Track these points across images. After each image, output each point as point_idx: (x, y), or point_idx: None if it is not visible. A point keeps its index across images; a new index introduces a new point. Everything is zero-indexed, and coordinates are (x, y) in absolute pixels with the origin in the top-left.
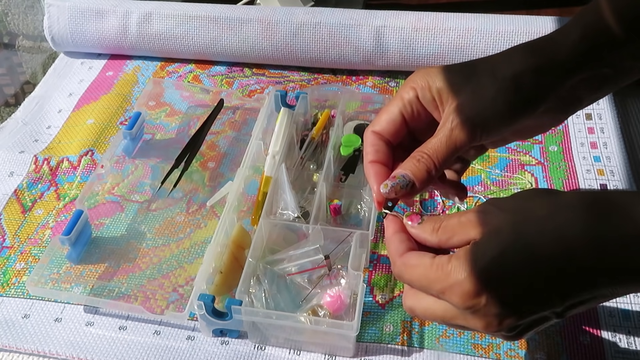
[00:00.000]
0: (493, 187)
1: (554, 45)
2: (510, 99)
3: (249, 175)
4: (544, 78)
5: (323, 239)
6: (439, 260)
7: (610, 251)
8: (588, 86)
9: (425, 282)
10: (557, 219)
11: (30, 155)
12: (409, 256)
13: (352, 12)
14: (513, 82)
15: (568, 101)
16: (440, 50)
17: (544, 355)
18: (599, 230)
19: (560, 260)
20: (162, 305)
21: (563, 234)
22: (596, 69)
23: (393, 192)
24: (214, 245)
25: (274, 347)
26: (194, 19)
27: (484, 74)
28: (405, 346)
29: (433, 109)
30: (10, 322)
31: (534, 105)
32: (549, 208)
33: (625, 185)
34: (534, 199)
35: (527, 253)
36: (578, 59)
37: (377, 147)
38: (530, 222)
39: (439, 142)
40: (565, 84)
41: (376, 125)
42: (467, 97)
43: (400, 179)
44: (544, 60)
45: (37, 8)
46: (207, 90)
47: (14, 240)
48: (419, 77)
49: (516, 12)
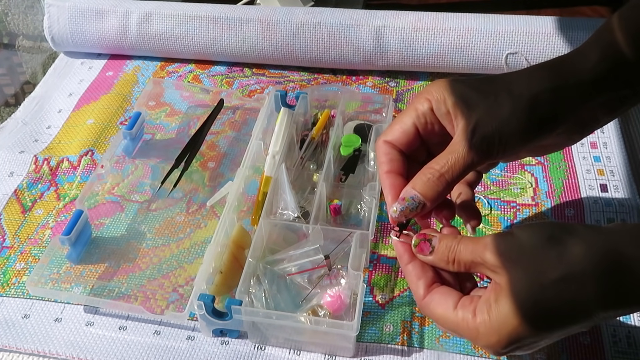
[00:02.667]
0: (493, 187)
1: (573, 66)
2: (526, 118)
3: (249, 175)
4: (563, 99)
5: (323, 239)
6: (463, 314)
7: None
8: (607, 107)
9: (452, 329)
10: (570, 285)
11: (30, 155)
12: (433, 304)
13: (352, 12)
14: (530, 101)
15: (585, 122)
16: (440, 50)
17: (544, 355)
18: (614, 289)
19: (572, 322)
20: (162, 305)
21: (578, 297)
22: (616, 91)
23: (403, 217)
24: (214, 245)
25: (274, 347)
26: (194, 19)
27: (501, 92)
28: (405, 346)
29: (447, 123)
30: (10, 322)
31: (551, 126)
32: (560, 271)
33: (625, 185)
34: (544, 251)
35: (544, 319)
36: (598, 80)
37: (391, 156)
38: (545, 287)
39: (453, 160)
40: (584, 106)
41: (388, 135)
42: (483, 114)
43: (410, 201)
44: (563, 80)
45: (37, 8)
46: (207, 90)
47: (14, 240)
48: (435, 88)
49: (516, 12)
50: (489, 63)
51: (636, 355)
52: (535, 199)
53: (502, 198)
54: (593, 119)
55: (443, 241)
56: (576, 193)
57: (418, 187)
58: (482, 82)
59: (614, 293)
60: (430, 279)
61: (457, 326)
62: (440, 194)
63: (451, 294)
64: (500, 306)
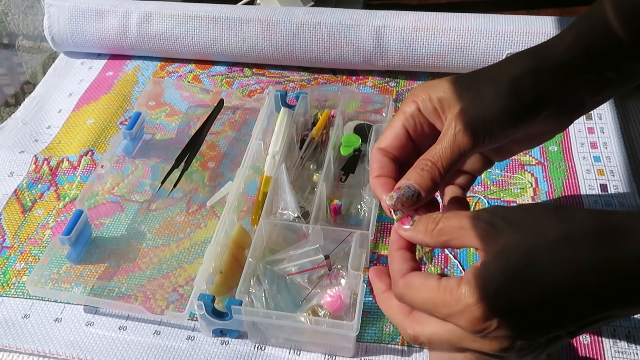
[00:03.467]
0: (493, 187)
1: (551, 49)
2: (509, 101)
3: (249, 175)
4: (542, 80)
5: (323, 239)
6: (446, 283)
7: (623, 277)
8: (590, 89)
9: (430, 306)
10: (568, 246)
11: (30, 155)
12: (413, 277)
13: (352, 12)
14: (511, 84)
15: (571, 105)
16: (440, 50)
17: (543, 355)
18: (611, 259)
19: (572, 286)
20: (162, 305)
21: (575, 262)
22: (597, 73)
23: (399, 204)
24: (214, 245)
25: (274, 347)
26: (194, 19)
27: (484, 81)
28: (405, 346)
29: (435, 119)
30: (10, 322)
31: (534, 109)
32: (560, 232)
33: (625, 185)
34: (543, 217)
35: (538, 278)
36: (575, 61)
37: (382, 164)
38: (541, 246)
39: (443, 148)
40: (564, 86)
41: (381, 142)
42: (467, 102)
43: (405, 189)
44: (542, 62)
45: (37, 8)
46: (207, 90)
47: (14, 240)
48: (420, 90)
49: (516, 12)
50: (488, 63)
51: (636, 355)
52: (535, 199)
53: (502, 198)
54: (579, 101)
55: (425, 216)
56: (576, 193)
57: (412, 178)
58: (466, 76)
59: (617, 252)
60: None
61: (432, 290)
62: (434, 183)
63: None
64: (490, 266)
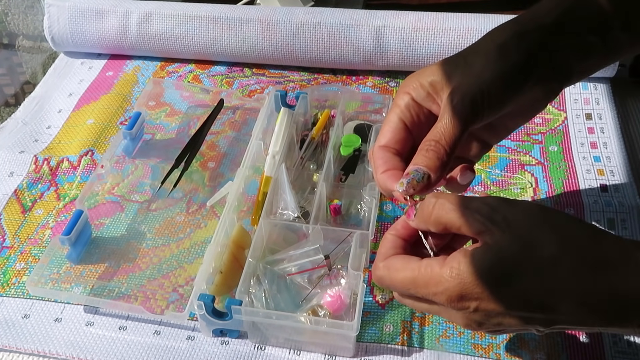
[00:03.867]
0: (493, 187)
1: (533, 13)
2: (499, 67)
3: (249, 175)
4: (527, 41)
5: (323, 239)
6: (427, 263)
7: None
8: (576, 53)
9: (410, 285)
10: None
11: (30, 155)
12: (393, 259)
13: (352, 12)
14: (498, 50)
15: (559, 69)
16: (440, 50)
17: (544, 355)
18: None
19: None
20: (162, 305)
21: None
22: (580, 36)
23: (411, 189)
24: (214, 245)
25: (274, 347)
26: (194, 19)
27: (471, 55)
28: (405, 346)
29: (431, 104)
30: (10, 322)
31: (524, 69)
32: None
33: (625, 185)
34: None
35: (521, 284)
36: (558, 23)
37: (385, 159)
38: (532, 260)
39: (444, 126)
40: (549, 47)
41: (381, 140)
42: (459, 78)
43: (414, 173)
44: (525, 25)
45: (37, 8)
46: (207, 90)
47: (14, 240)
48: (409, 80)
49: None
50: None
51: (636, 355)
52: (535, 199)
53: None
54: (566, 65)
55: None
56: (576, 193)
57: (419, 161)
58: (451, 57)
59: (596, 293)
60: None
61: (413, 272)
62: (442, 162)
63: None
64: (479, 258)
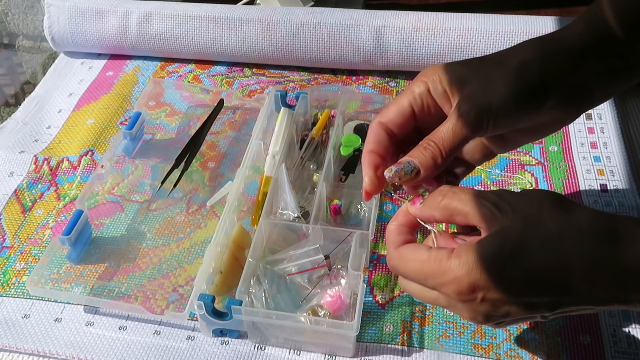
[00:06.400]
0: (493, 187)
1: (561, 36)
2: (515, 86)
3: (249, 175)
4: (550, 65)
5: (323, 239)
6: (436, 254)
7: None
8: (598, 77)
9: (421, 276)
10: (564, 240)
11: (30, 155)
12: (404, 249)
13: (352, 12)
14: (519, 69)
15: (578, 93)
16: (440, 50)
17: (544, 355)
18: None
19: (557, 278)
20: (162, 305)
21: (566, 256)
22: (605, 60)
23: (397, 177)
24: (214, 245)
25: (274, 347)
26: (194, 19)
27: (492, 65)
28: (405, 346)
29: (444, 102)
30: (10, 322)
31: (541, 95)
32: (560, 225)
33: (625, 185)
34: (546, 208)
35: (527, 264)
36: (585, 49)
37: (379, 138)
38: (537, 235)
39: (446, 130)
40: (572, 72)
41: (383, 116)
42: (474, 87)
43: (405, 164)
44: (551, 48)
45: (37, 8)
46: (207, 90)
47: (14, 240)
48: (431, 71)
49: (516, 12)
50: None
51: (636, 355)
52: None
53: None
54: (587, 89)
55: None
56: (576, 193)
57: (414, 155)
58: (476, 60)
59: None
60: (409, 240)
61: (423, 263)
62: (435, 163)
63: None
64: (485, 244)
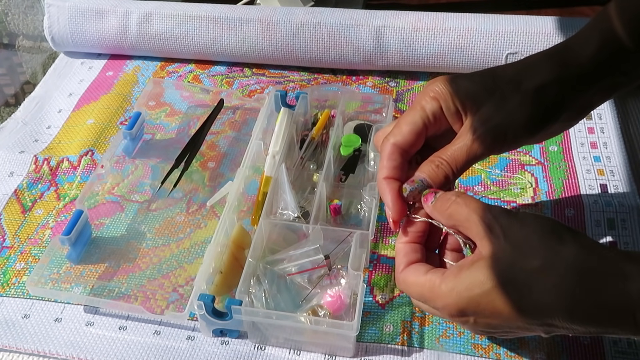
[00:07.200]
0: (493, 187)
1: (575, 54)
2: (532, 110)
3: (249, 175)
4: (567, 89)
5: (323, 239)
6: (430, 278)
7: (591, 319)
8: (603, 92)
9: (422, 299)
10: (550, 276)
11: (30, 155)
12: (406, 273)
13: (352, 12)
14: (536, 94)
15: (583, 107)
16: (440, 50)
17: (544, 355)
18: (584, 302)
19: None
20: (162, 305)
21: (550, 293)
22: (613, 77)
23: (411, 197)
24: (214, 245)
25: (274, 347)
26: (194, 19)
27: (507, 86)
28: (405, 346)
29: (455, 120)
30: (10, 322)
31: (555, 115)
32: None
33: (625, 185)
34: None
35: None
36: (599, 69)
37: (396, 163)
38: (523, 270)
39: (459, 151)
40: (585, 92)
41: (398, 137)
42: (490, 109)
43: (419, 183)
44: (566, 70)
45: (37, 8)
46: (207, 90)
47: (14, 240)
48: (441, 86)
49: (516, 12)
50: (489, 63)
51: (636, 355)
52: (535, 199)
53: (502, 198)
54: (589, 103)
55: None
56: (576, 193)
57: (426, 171)
58: (485, 77)
59: (583, 305)
60: (415, 260)
61: (421, 287)
62: (447, 181)
63: (427, 265)
64: (472, 271)
